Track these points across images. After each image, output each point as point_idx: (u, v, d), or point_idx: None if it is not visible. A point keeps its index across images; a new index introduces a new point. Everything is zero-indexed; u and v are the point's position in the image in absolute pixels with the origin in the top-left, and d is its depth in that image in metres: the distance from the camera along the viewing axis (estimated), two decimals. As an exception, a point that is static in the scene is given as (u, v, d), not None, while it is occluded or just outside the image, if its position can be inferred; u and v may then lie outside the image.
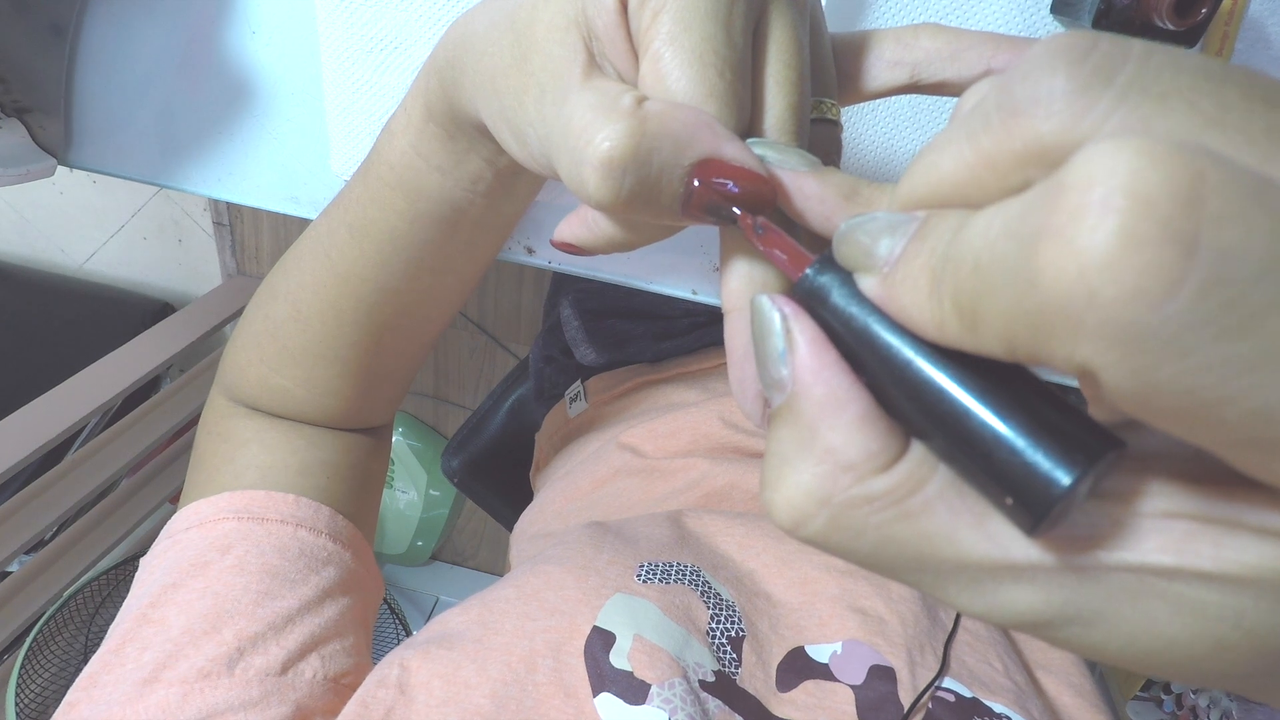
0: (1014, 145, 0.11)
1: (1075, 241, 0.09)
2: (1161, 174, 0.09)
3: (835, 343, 0.14)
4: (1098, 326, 0.09)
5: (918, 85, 0.23)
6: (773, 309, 0.14)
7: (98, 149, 0.44)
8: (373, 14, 0.37)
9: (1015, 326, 0.10)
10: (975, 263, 0.11)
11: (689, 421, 0.52)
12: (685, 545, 0.38)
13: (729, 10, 0.17)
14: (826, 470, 0.13)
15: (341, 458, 0.39)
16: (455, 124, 0.25)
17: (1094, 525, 0.12)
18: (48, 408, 0.97)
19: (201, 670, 0.28)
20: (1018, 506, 0.11)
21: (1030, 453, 0.11)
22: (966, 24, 0.36)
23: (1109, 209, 0.09)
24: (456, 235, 0.30)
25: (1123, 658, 0.12)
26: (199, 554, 0.32)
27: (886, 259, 0.13)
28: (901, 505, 0.13)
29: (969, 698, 0.33)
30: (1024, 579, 0.12)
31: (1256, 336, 0.09)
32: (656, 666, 0.29)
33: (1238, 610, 0.11)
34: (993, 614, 0.13)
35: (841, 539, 0.13)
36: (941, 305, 0.11)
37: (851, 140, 0.39)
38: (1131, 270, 0.09)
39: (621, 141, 0.15)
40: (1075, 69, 0.10)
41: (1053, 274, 0.09)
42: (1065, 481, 0.11)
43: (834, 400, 0.13)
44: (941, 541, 0.12)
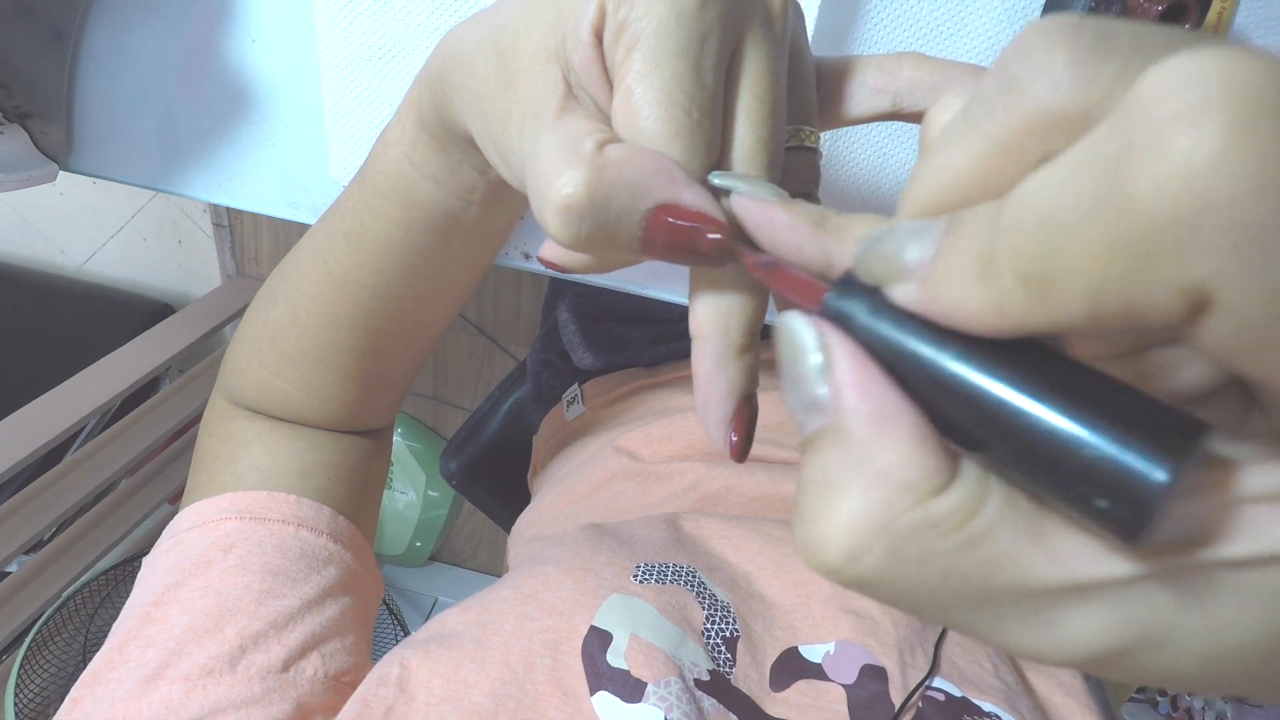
0: (1025, 122, 0.11)
1: (1176, 147, 0.08)
2: (1255, 69, 0.08)
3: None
4: (1216, 233, 0.08)
5: (899, 113, 0.23)
6: (807, 326, 0.13)
7: (99, 154, 0.44)
8: (371, 23, 0.37)
9: (1107, 267, 0.09)
10: (1039, 220, 0.10)
11: (685, 425, 0.52)
12: (681, 547, 0.38)
13: (699, 49, 0.17)
14: (883, 494, 0.12)
15: (342, 459, 0.40)
16: (447, 135, 0.25)
17: (1186, 525, 0.11)
18: (47, 408, 0.98)
19: (204, 668, 0.29)
20: (1110, 511, 0.10)
21: (1117, 448, 0.10)
22: (956, 37, 0.36)
23: (1209, 108, 0.08)
24: (451, 243, 0.31)
25: (1192, 675, 0.11)
26: (202, 553, 0.33)
27: (920, 262, 0.12)
28: (965, 529, 0.11)
29: (959, 697, 0.33)
30: (1090, 600, 0.11)
31: None
32: (652, 665, 0.30)
33: (1254, 595, 0.10)
34: (1060, 649, 0.11)
35: (901, 572, 0.12)
36: (1000, 283, 0.10)
37: (838, 163, 0.40)
38: (1249, 163, 0.08)
39: (579, 190, 0.16)
40: (1074, 41, 0.11)
41: (1151, 195, 0.09)
42: (1164, 476, 0.10)
43: (885, 416, 0.12)
44: (1006, 567, 0.11)
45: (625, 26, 0.17)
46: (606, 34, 0.18)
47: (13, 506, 0.95)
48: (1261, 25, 0.34)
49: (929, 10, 0.36)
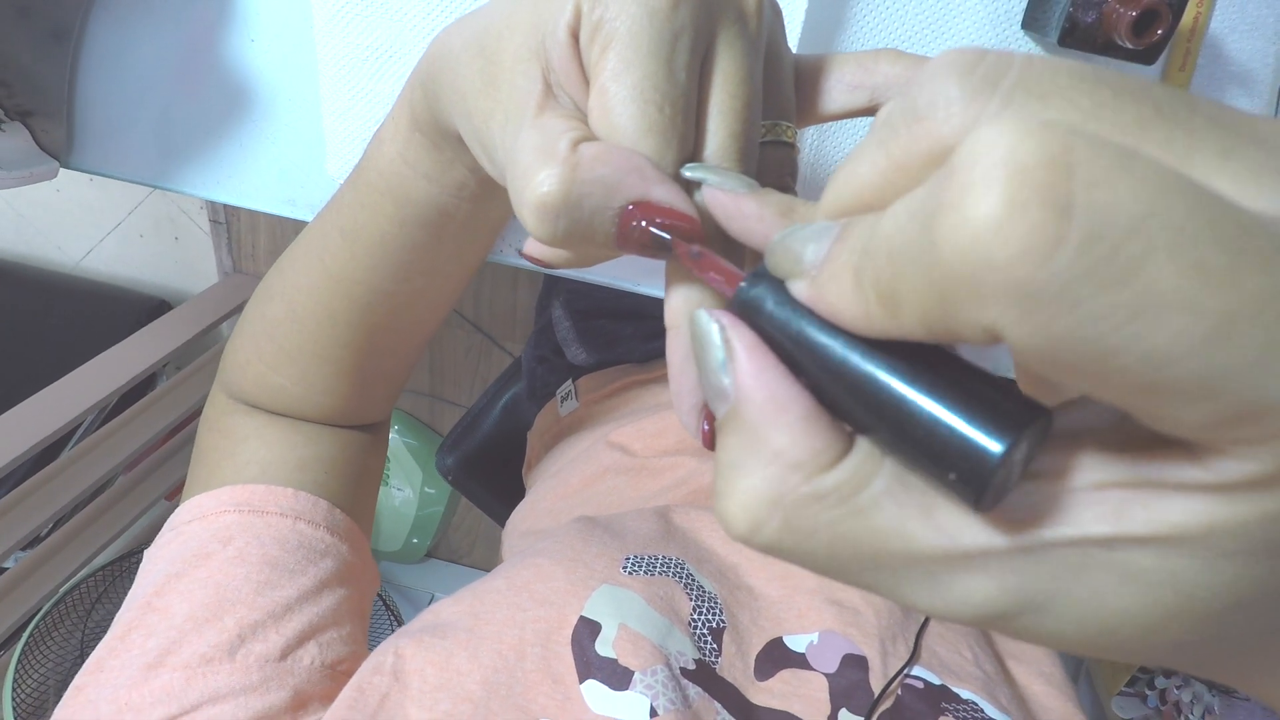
0: (918, 147, 0.12)
1: (966, 212, 0.10)
2: (1035, 144, 0.10)
3: (774, 350, 0.14)
4: (995, 288, 0.10)
5: (876, 108, 0.24)
6: (710, 321, 0.14)
7: (99, 151, 0.45)
8: (368, 23, 0.38)
9: (928, 302, 0.11)
10: (888, 250, 0.11)
11: (676, 421, 0.53)
12: (671, 539, 0.39)
13: (671, 47, 0.18)
14: (775, 471, 0.13)
15: (339, 453, 0.40)
16: (439, 134, 0.26)
17: (1033, 504, 0.12)
18: (44, 404, 0.98)
19: (204, 656, 0.29)
20: (959, 482, 0.12)
21: (963, 426, 0.12)
22: (940, 39, 0.37)
23: (992, 179, 0.10)
24: (444, 239, 0.31)
25: (1080, 640, 0.12)
26: (201, 545, 0.33)
27: (813, 263, 0.13)
28: (851, 501, 0.13)
29: (937, 685, 0.34)
30: (975, 567, 0.12)
31: (1135, 284, 0.09)
32: (640, 654, 0.30)
33: (1173, 572, 0.11)
34: (951, 609, 0.13)
35: (796, 540, 0.13)
36: (866, 297, 0.12)
37: (821, 161, 0.41)
38: (1017, 232, 0.09)
39: (554, 188, 0.16)
40: (965, 76, 0.12)
41: (950, 245, 0.10)
42: (999, 449, 0.11)
43: (776, 402, 0.13)
44: (892, 535, 0.13)
45: (600, 26, 0.18)
46: (582, 34, 0.18)
47: (10, 502, 0.95)
48: (1236, 29, 0.35)
49: (913, 14, 0.37)
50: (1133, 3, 0.29)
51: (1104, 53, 0.31)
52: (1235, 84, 0.36)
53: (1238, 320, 0.09)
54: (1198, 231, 0.09)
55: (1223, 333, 0.09)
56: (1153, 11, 0.29)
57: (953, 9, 0.36)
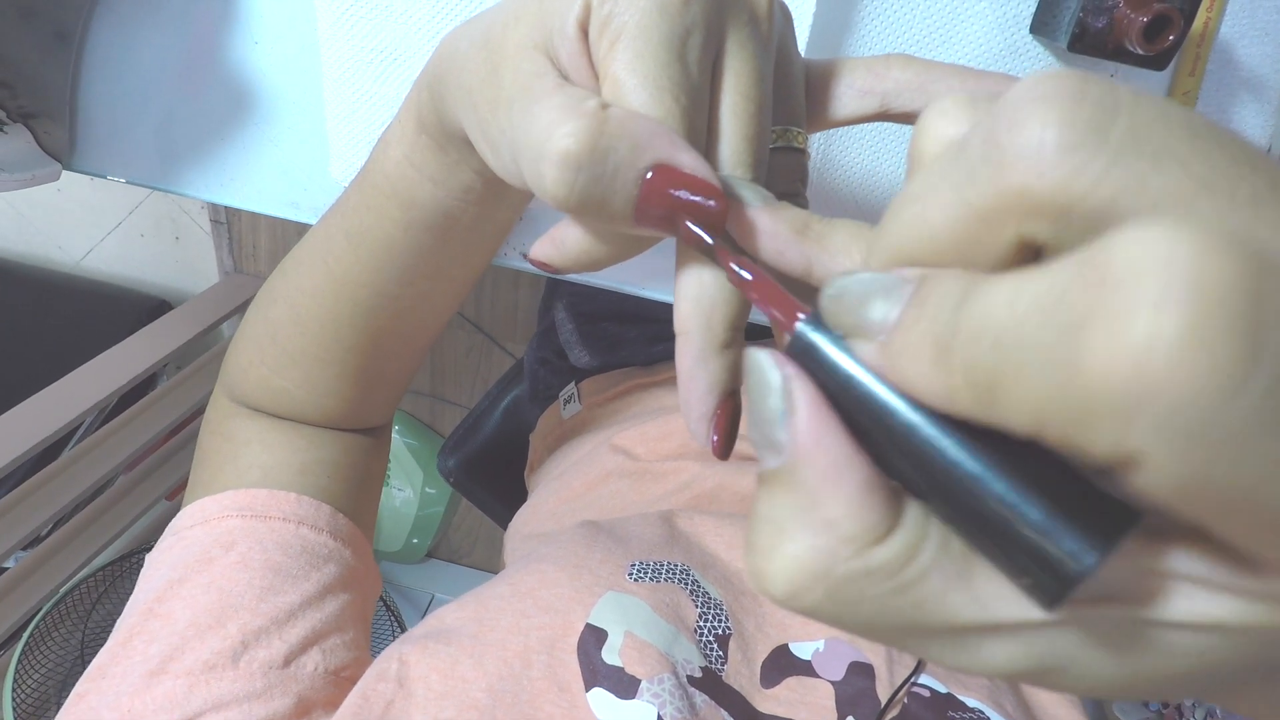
0: (1007, 202, 0.11)
1: (1133, 334, 0.09)
2: (1225, 267, 0.09)
3: (832, 401, 0.13)
4: (1154, 421, 0.09)
5: (887, 114, 0.24)
6: (773, 368, 0.13)
7: (102, 154, 0.44)
8: (372, 26, 0.38)
9: (1048, 409, 0.10)
10: (997, 340, 0.10)
11: (680, 424, 0.53)
12: (675, 545, 0.39)
13: (683, 41, 0.18)
14: (826, 543, 0.12)
15: (341, 457, 0.40)
16: (445, 136, 0.26)
17: (1116, 581, 0.12)
18: (44, 404, 0.98)
19: (207, 663, 0.29)
20: (1037, 586, 0.11)
21: (1050, 530, 0.11)
22: (949, 43, 0.37)
23: (1173, 301, 0.09)
24: (450, 242, 0.31)
25: (1092, 692, 0.12)
26: (204, 550, 0.33)
27: (882, 325, 0.12)
28: (899, 577, 0.12)
29: (944, 693, 0.34)
30: (1006, 635, 0.12)
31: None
32: (646, 662, 0.30)
33: (1201, 649, 0.11)
34: (971, 668, 0.13)
35: (837, 612, 0.13)
36: (951, 377, 0.11)
37: (830, 166, 0.41)
38: (1198, 369, 0.08)
39: (580, 136, 0.16)
40: (1068, 123, 0.10)
41: (1106, 365, 0.09)
42: (1089, 562, 0.10)
43: (836, 469, 0.12)
44: (933, 607, 0.12)
45: (610, 20, 0.18)
46: (592, 28, 0.18)
47: (10, 502, 0.95)
48: (1245, 35, 0.35)
49: (921, 18, 0.37)
50: (1144, 8, 0.29)
51: (1114, 58, 0.31)
52: (1245, 89, 0.36)
53: None
54: None
55: None
56: (1164, 17, 0.28)
57: (961, 13, 0.36)
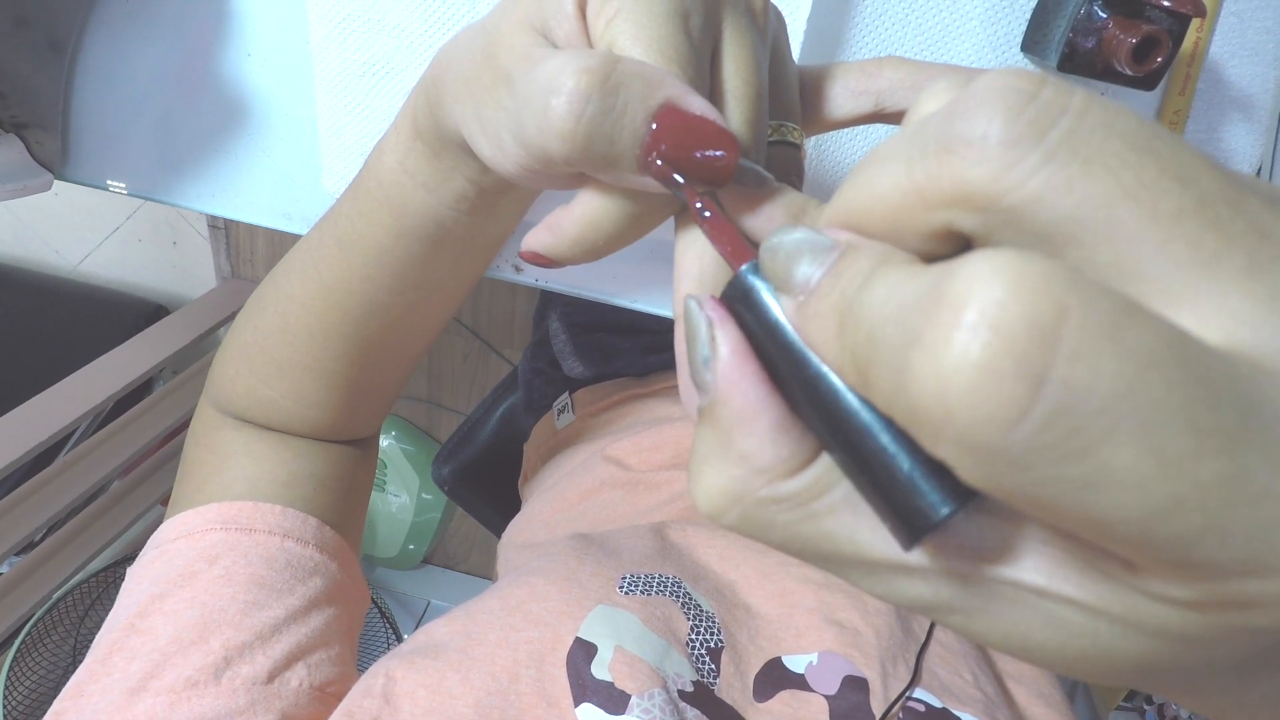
0: (943, 183, 0.11)
1: (940, 359, 0.10)
2: (1026, 309, 0.09)
3: (756, 344, 0.14)
4: (952, 439, 0.10)
5: (882, 114, 0.24)
6: (700, 314, 0.15)
7: (94, 164, 0.44)
8: (365, 39, 0.38)
9: (892, 405, 0.11)
10: (869, 333, 0.11)
11: (673, 435, 0.53)
12: (667, 557, 0.39)
13: (684, 18, 0.18)
14: (740, 473, 0.14)
15: (328, 469, 0.40)
16: (440, 141, 0.26)
17: (980, 537, 0.13)
18: (40, 410, 0.97)
19: (189, 679, 0.29)
20: (896, 528, 0.13)
21: (915, 481, 0.12)
22: (940, 60, 0.37)
23: (973, 338, 0.09)
24: (441, 252, 0.31)
25: (1000, 648, 0.13)
26: (187, 564, 0.33)
27: (803, 286, 0.13)
28: (807, 507, 0.14)
29: (938, 708, 0.34)
30: (915, 576, 0.13)
31: (1091, 462, 0.09)
32: (637, 677, 0.30)
33: (1094, 630, 0.12)
34: (888, 598, 0.14)
35: (752, 530, 0.14)
36: (844, 352, 0.12)
37: (826, 168, 0.41)
38: (985, 400, 0.09)
39: (594, 70, 0.16)
40: (1012, 118, 0.11)
41: (918, 383, 0.10)
42: (942, 512, 0.12)
43: (749, 410, 0.14)
44: (843, 540, 0.14)
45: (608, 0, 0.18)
46: (590, 7, 0.18)
47: (4, 507, 0.95)
48: (1235, 55, 0.35)
49: (913, 33, 0.37)
50: (1133, 30, 0.29)
51: (1103, 78, 0.31)
52: (1235, 109, 0.36)
53: (1184, 504, 0.09)
54: (1168, 414, 0.09)
55: (1166, 513, 0.09)
56: (1152, 39, 0.29)
57: (953, 30, 0.36)
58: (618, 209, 0.18)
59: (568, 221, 0.19)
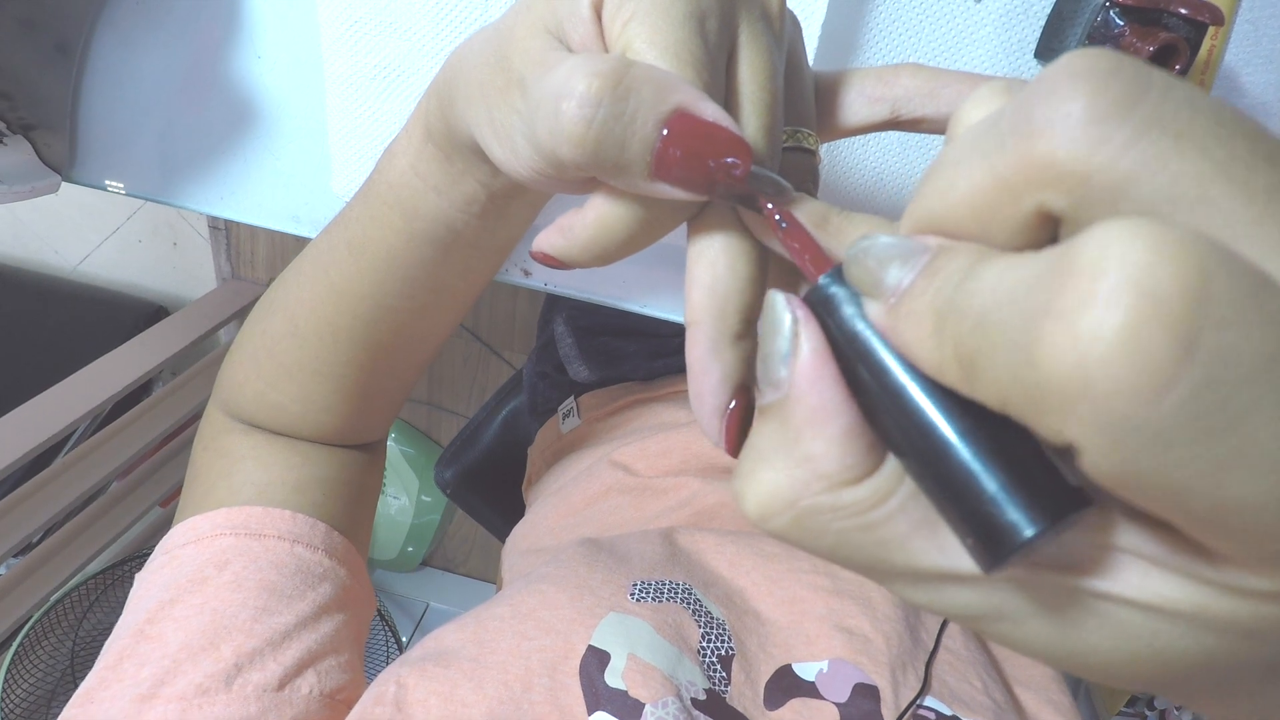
0: (1029, 170, 0.11)
1: (1078, 329, 0.09)
2: (1171, 270, 0.09)
3: (835, 351, 0.14)
4: (1089, 414, 0.09)
5: (897, 122, 0.24)
6: (786, 309, 0.14)
7: (102, 165, 0.44)
8: (376, 42, 0.38)
9: (1009, 391, 0.10)
10: (979, 320, 0.11)
11: (680, 440, 0.53)
12: (677, 563, 0.39)
13: (701, 21, 0.18)
14: (801, 475, 0.13)
15: (337, 474, 0.40)
16: (452, 145, 0.25)
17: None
18: (39, 411, 0.97)
19: (200, 686, 0.29)
20: (978, 547, 0.12)
21: (1000, 500, 0.12)
22: (954, 67, 0.37)
23: (1116, 303, 0.09)
24: (451, 256, 0.31)
25: (1044, 655, 0.13)
26: (197, 570, 0.33)
27: (894, 290, 0.13)
28: (864, 516, 0.13)
29: (949, 715, 0.34)
30: (966, 584, 0.13)
31: (1236, 437, 0.09)
32: (650, 685, 0.30)
33: (1154, 632, 0.12)
34: (931, 606, 0.13)
35: (800, 537, 0.14)
36: (942, 350, 0.11)
37: (840, 174, 0.41)
38: (1130, 367, 0.09)
39: (605, 75, 0.16)
40: (1097, 96, 0.10)
41: (1051, 357, 0.09)
42: (1026, 534, 0.11)
43: (825, 411, 0.13)
44: (895, 549, 0.13)
45: (625, 1, 0.18)
46: (606, 9, 0.18)
47: (3, 509, 0.95)
48: (1250, 63, 0.35)
49: (927, 39, 0.37)
50: (1150, 37, 0.29)
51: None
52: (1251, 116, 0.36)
53: None
54: None
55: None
56: (1170, 46, 0.28)
57: (966, 36, 0.36)
58: (630, 214, 0.18)
59: (579, 225, 0.19)
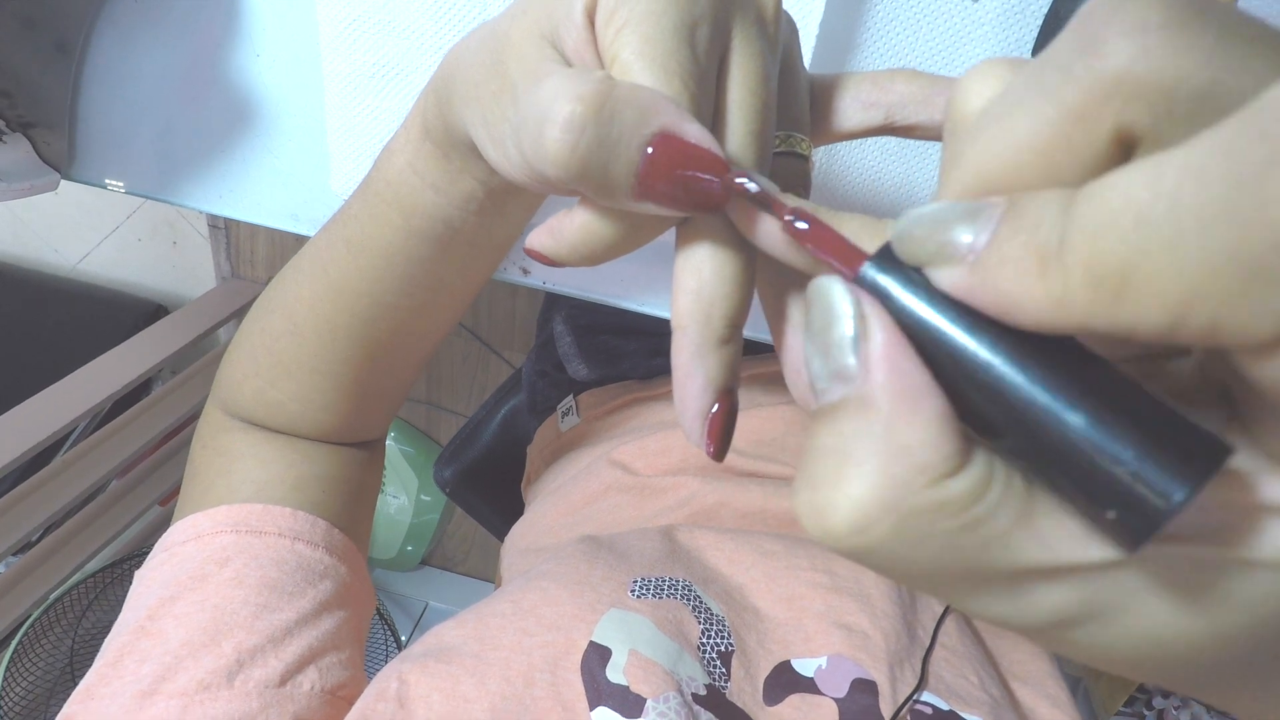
0: (1107, 88, 0.10)
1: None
2: None
3: None
4: None
5: (891, 127, 0.24)
6: (845, 293, 0.13)
7: (101, 164, 0.44)
8: (375, 40, 0.38)
9: (1209, 282, 0.09)
10: (1136, 219, 0.09)
11: (680, 439, 0.53)
12: (676, 559, 0.39)
13: (692, 30, 0.18)
14: (901, 471, 0.11)
15: (336, 471, 0.40)
16: (449, 142, 0.25)
17: None
18: (38, 409, 0.97)
19: (201, 682, 0.29)
20: (1119, 523, 0.10)
21: (1137, 464, 0.10)
22: (951, 67, 0.37)
23: None
24: (450, 253, 0.31)
25: (1122, 655, 0.12)
26: (197, 567, 0.33)
27: (972, 246, 0.11)
28: (969, 512, 0.11)
29: (946, 710, 0.34)
30: (1062, 578, 0.11)
31: None
32: (651, 681, 0.30)
33: (1263, 595, 0.11)
34: (1016, 618, 0.12)
35: (899, 549, 0.12)
36: (1066, 280, 0.10)
37: (834, 179, 0.41)
38: None
39: (587, 100, 0.15)
40: (1172, 4, 0.10)
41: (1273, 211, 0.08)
42: (1178, 497, 0.10)
43: (913, 394, 0.12)
44: (999, 548, 0.11)
45: (619, 7, 0.18)
46: (599, 16, 0.18)
47: (2, 507, 0.95)
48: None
49: (924, 40, 0.37)
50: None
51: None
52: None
53: None
54: None
55: None
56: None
57: (964, 37, 0.36)
58: (614, 224, 0.18)
59: (568, 228, 0.19)
